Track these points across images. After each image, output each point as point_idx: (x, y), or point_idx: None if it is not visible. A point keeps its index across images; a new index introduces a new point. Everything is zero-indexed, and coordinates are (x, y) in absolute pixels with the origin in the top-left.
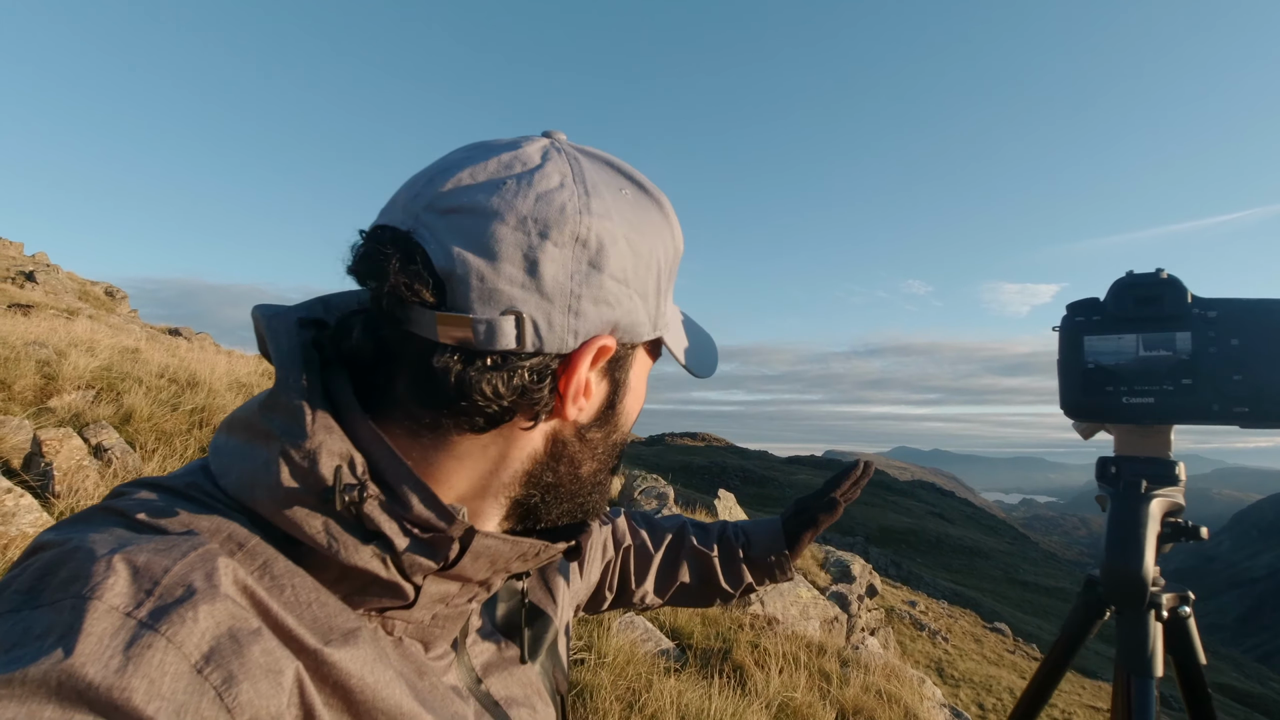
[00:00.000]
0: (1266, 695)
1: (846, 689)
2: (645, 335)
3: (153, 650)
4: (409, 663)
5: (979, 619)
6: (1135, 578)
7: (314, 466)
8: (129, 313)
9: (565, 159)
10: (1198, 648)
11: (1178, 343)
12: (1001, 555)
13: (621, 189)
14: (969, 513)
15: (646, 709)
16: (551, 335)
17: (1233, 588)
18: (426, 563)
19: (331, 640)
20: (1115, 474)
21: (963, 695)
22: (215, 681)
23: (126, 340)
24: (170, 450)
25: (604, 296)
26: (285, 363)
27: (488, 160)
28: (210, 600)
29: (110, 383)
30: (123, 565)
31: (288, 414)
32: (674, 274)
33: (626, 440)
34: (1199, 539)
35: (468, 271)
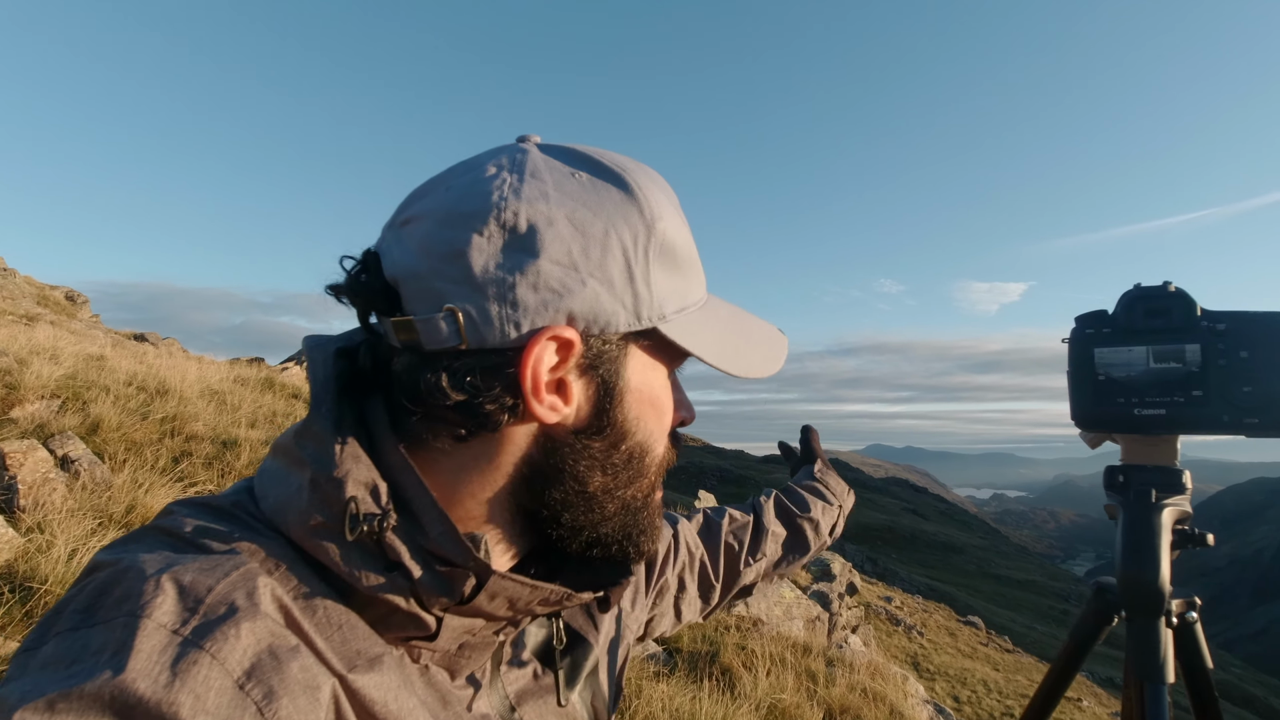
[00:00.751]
0: (1230, 681)
1: (833, 688)
2: (623, 326)
3: (198, 666)
4: (434, 692)
5: (953, 613)
6: (1152, 587)
7: (339, 494)
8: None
9: (511, 153)
10: (1205, 653)
11: (1187, 354)
12: (974, 550)
13: (573, 174)
14: (942, 508)
15: (637, 715)
16: (490, 328)
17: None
18: (442, 597)
19: (357, 666)
20: (1124, 483)
21: (938, 688)
22: (256, 697)
23: (91, 347)
24: (141, 461)
25: (545, 283)
26: (319, 392)
27: (446, 172)
28: (252, 618)
29: (75, 391)
30: (170, 584)
31: (318, 442)
32: (664, 258)
33: (649, 456)
34: (1205, 545)
35: (407, 274)
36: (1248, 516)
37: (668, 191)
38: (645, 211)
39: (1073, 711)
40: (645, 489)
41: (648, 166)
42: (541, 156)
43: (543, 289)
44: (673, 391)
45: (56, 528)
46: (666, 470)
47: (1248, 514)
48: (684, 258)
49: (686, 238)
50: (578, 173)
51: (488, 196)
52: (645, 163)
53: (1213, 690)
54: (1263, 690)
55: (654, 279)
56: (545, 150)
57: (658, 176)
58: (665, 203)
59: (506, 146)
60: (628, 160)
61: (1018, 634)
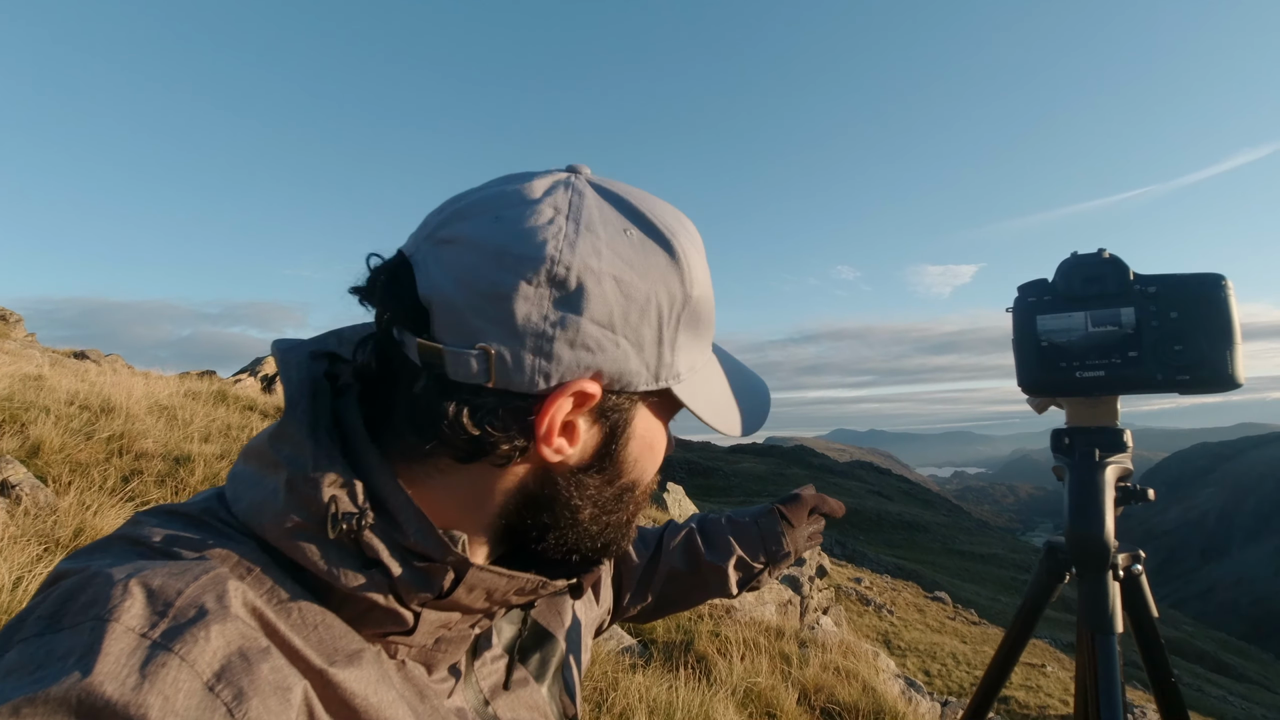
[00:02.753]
0: (1182, 639)
1: (806, 669)
2: (641, 385)
3: (167, 668)
4: (411, 686)
5: (920, 590)
6: (1099, 541)
7: (315, 494)
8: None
9: (569, 194)
10: (1150, 603)
11: (1122, 318)
12: (938, 527)
13: (626, 230)
14: (906, 489)
15: (615, 707)
16: (520, 375)
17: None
18: (421, 592)
19: (336, 661)
20: (1070, 445)
21: (910, 663)
22: (226, 698)
23: (27, 367)
24: (88, 482)
25: (583, 341)
26: (294, 394)
27: (494, 192)
28: (221, 620)
29: (12, 414)
30: (138, 588)
31: (294, 444)
32: (690, 323)
33: (639, 489)
34: (1147, 500)
35: (444, 301)
36: (1192, 480)
37: (701, 250)
38: (685, 280)
39: (1037, 677)
40: (631, 514)
41: (686, 219)
42: (596, 203)
43: (579, 346)
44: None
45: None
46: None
47: (1192, 478)
48: (705, 321)
49: (711, 300)
50: (630, 229)
51: (543, 245)
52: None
53: (1159, 638)
54: (1213, 645)
55: (679, 344)
56: (599, 192)
57: (695, 233)
58: (701, 267)
59: (561, 179)
60: (674, 217)
61: (983, 606)
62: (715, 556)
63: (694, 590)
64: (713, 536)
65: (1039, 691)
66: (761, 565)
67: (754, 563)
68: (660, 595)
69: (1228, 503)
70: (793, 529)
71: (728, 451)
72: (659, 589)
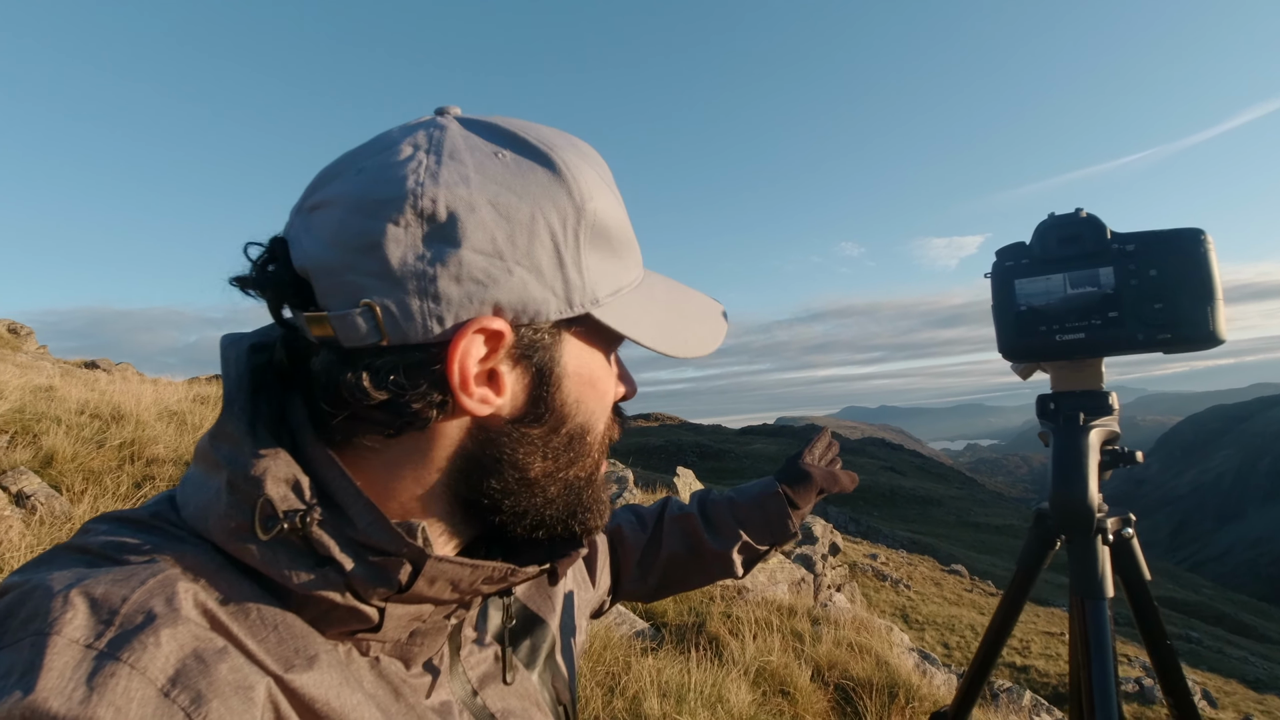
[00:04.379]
0: (1201, 602)
1: (819, 646)
2: (554, 314)
3: (116, 679)
4: (385, 684)
5: (937, 563)
6: (1082, 506)
7: (258, 493)
8: (38, 349)
9: (428, 131)
10: (1142, 566)
11: (1101, 278)
12: (952, 500)
13: (497, 153)
14: (919, 463)
15: (628, 691)
16: (412, 324)
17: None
18: (379, 587)
19: (294, 666)
20: (1054, 410)
21: (928, 637)
22: (183, 703)
23: (38, 378)
24: (101, 489)
25: (469, 274)
26: (232, 390)
27: (356, 149)
28: (172, 624)
29: (25, 425)
30: (80, 599)
31: (232, 442)
32: (597, 241)
33: (590, 435)
34: (1135, 463)
35: (319, 267)
36: (1207, 444)
37: (599, 167)
38: (575, 192)
39: (1056, 645)
40: (589, 468)
41: (577, 139)
42: (461, 133)
43: (466, 280)
44: (615, 367)
45: (15, 565)
46: (610, 445)
47: (1206, 441)
48: (618, 238)
49: (620, 216)
50: (501, 152)
51: (403, 181)
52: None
53: (1151, 601)
54: (1232, 607)
55: (586, 263)
56: (466, 125)
57: (589, 151)
58: (596, 181)
59: (423, 121)
60: (555, 134)
61: (1000, 578)
62: (719, 543)
63: (697, 573)
64: (715, 521)
65: (1059, 660)
66: (767, 548)
67: (759, 546)
68: (662, 578)
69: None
70: (798, 510)
71: (738, 433)
72: (660, 571)
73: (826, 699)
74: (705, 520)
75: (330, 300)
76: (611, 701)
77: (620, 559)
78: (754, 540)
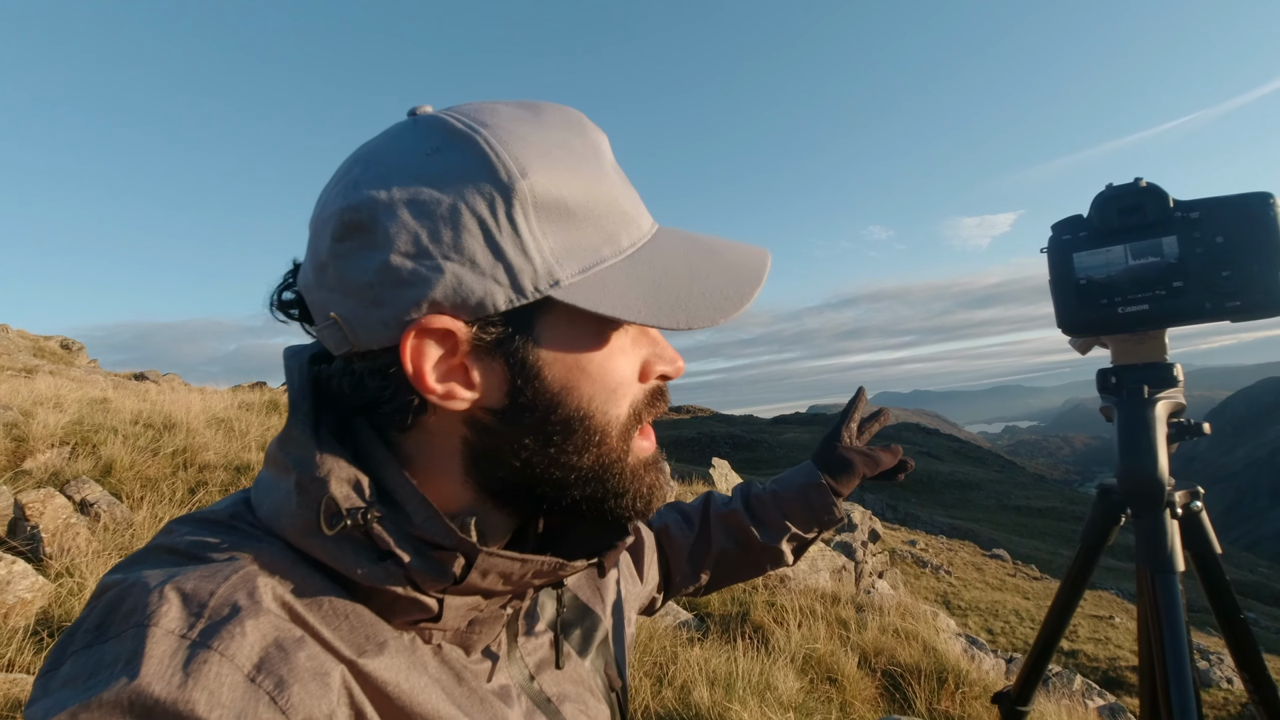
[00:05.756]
0: (1258, 582)
1: (865, 633)
2: (503, 304)
3: (208, 665)
4: (447, 669)
5: (978, 548)
6: (1152, 479)
7: (324, 493)
8: (89, 363)
9: (368, 143)
10: (1213, 539)
11: (1164, 248)
12: (992, 484)
13: (433, 151)
14: (955, 448)
15: (676, 680)
16: (367, 332)
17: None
18: (436, 580)
19: (366, 651)
20: (1117, 384)
21: (972, 623)
22: (268, 687)
23: (93, 391)
24: (158, 496)
25: (399, 278)
26: (296, 398)
27: None
28: (255, 615)
29: (84, 436)
30: (173, 593)
31: (299, 446)
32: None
33: (593, 420)
34: (1202, 434)
35: (303, 286)
36: (1260, 418)
37: (549, 132)
38: (502, 170)
39: (1105, 629)
40: (608, 454)
41: (549, 106)
42: (396, 136)
43: (399, 285)
44: (640, 346)
45: (85, 570)
46: (645, 423)
47: (1259, 415)
48: (582, 209)
49: (582, 184)
50: (438, 147)
51: (338, 198)
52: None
53: (1224, 575)
54: None
55: (532, 244)
56: (415, 126)
57: (551, 118)
58: (536, 153)
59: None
60: (501, 111)
61: (1043, 561)
62: (769, 537)
63: (748, 567)
64: (761, 515)
65: (1108, 644)
66: (815, 535)
67: (807, 534)
68: (714, 573)
69: None
70: (842, 495)
71: (770, 423)
72: (711, 568)
73: (874, 685)
74: (751, 515)
75: (316, 315)
76: (660, 691)
77: (669, 557)
78: (801, 530)
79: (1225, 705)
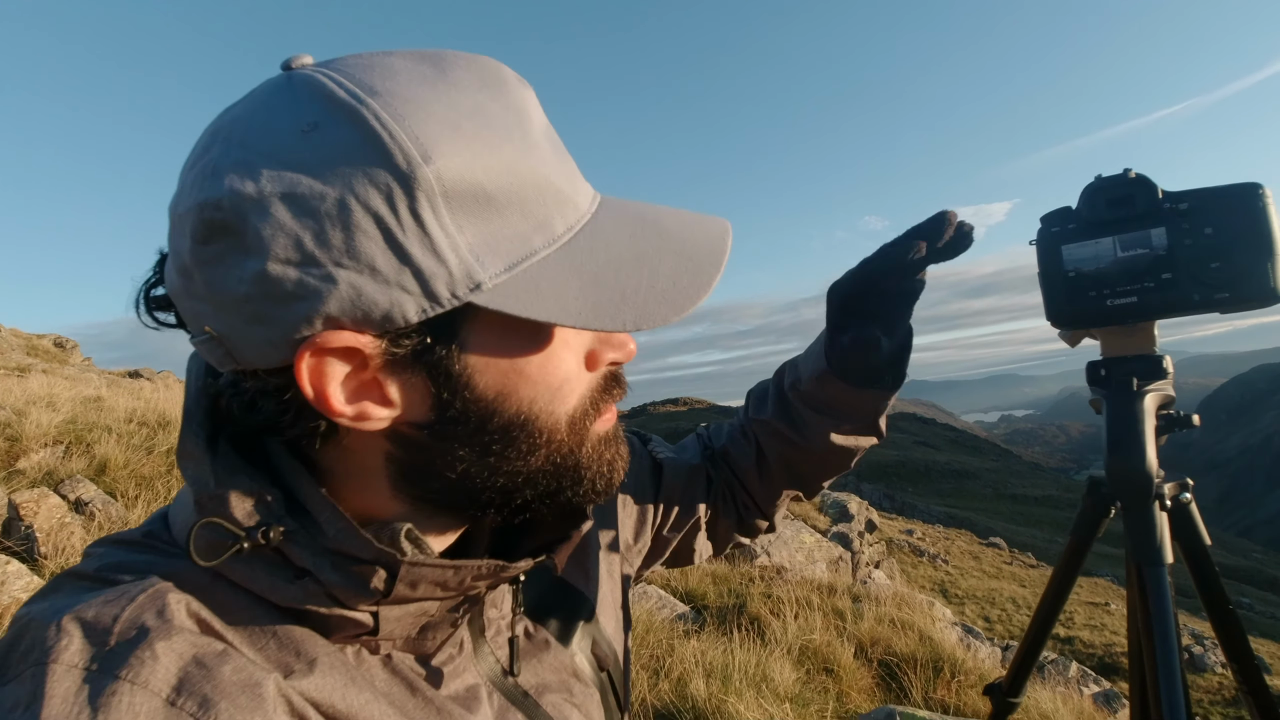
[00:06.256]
0: (1251, 567)
1: (861, 623)
2: (414, 315)
3: (118, 696)
4: (398, 680)
5: (974, 537)
6: (1140, 472)
7: (224, 511)
8: (83, 361)
9: (231, 109)
10: (1202, 531)
11: (1153, 239)
12: (988, 473)
13: (310, 128)
14: (952, 437)
15: (672, 672)
16: (250, 351)
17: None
18: (358, 595)
19: (294, 672)
20: (1106, 376)
21: (969, 611)
22: (191, 709)
23: (87, 390)
24: (153, 494)
25: (282, 291)
26: (190, 407)
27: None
28: (166, 636)
29: (78, 435)
30: (72, 624)
31: (195, 461)
32: (469, 207)
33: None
34: (1191, 426)
35: (169, 289)
36: (1254, 404)
37: (458, 96)
38: (399, 154)
39: (1101, 615)
40: (558, 450)
41: (446, 57)
42: (265, 104)
43: (284, 299)
44: (590, 333)
45: None
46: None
47: (1254, 402)
48: (501, 192)
49: (503, 161)
50: (317, 122)
51: (195, 188)
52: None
53: (1213, 567)
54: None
55: (445, 242)
56: (291, 89)
57: (451, 77)
58: (443, 127)
59: (250, 92)
60: (398, 66)
61: (1040, 549)
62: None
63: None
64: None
65: (1104, 630)
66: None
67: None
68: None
69: None
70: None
71: None
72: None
73: (871, 675)
74: (793, 417)
75: (189, 324)
76: (657, 684)
77: (743, 481)
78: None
79: (1220, 690)
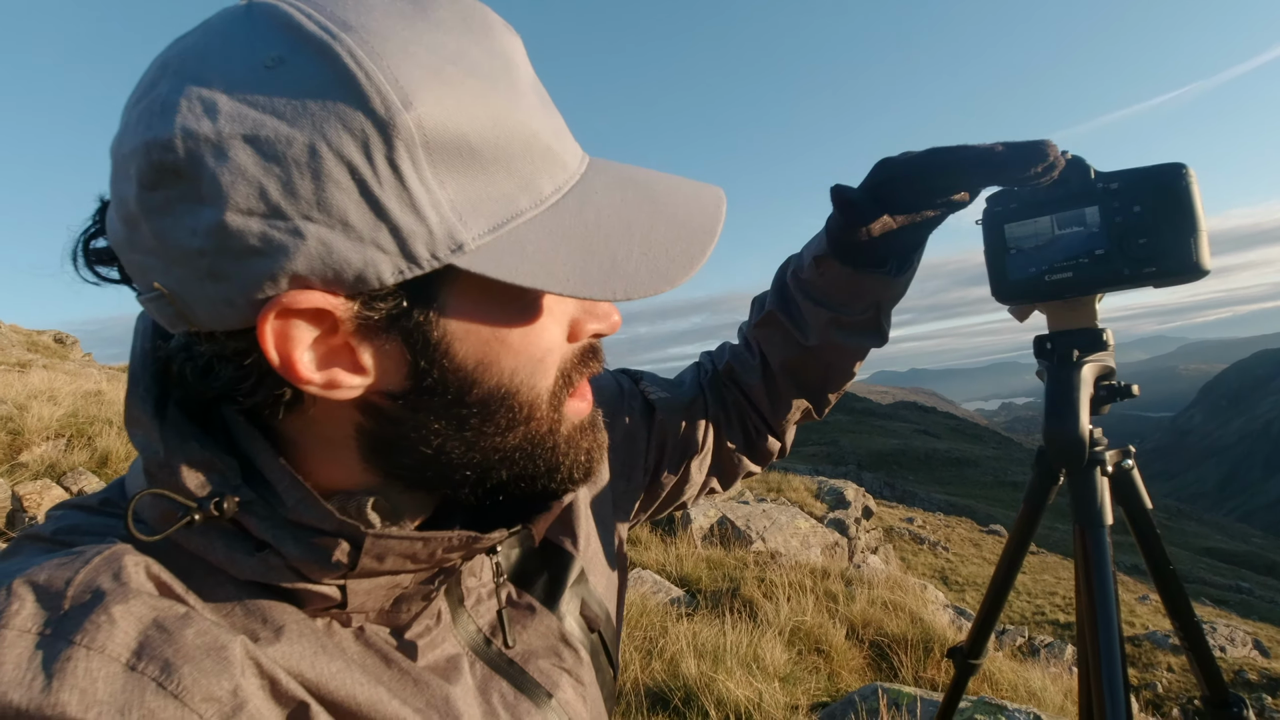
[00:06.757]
0: (1251, 552)
1: (853, 605)
2: (390, 276)
3: (73, 661)
4: (372, 652)
5: (975, 524)
6: (1073, 437)
7: (176, 481)
8: (84, 357)
9: (184, 39)
10: (1143, 495)
11: (1087, 217)
12: (988, 461)
13: (274, 62)
14: (952, 425)
15: (665, 653)
16: (205, 310)
17: (1209, 457)
18: (322, 568)
19: (260, 638)
20: (1050, 349)
21: (969, 598)
22: (153, 673)
23: (87, 384)
24: None
25: (242, 245)
26: (135, 369)
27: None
28: (123, 599)
29: (79, 428)
30: (24, 588)
31: (142, 427)
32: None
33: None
34: (1131, 396)
35: (112, 240)
36: (1254, 390)
37: (442, 38)
38: (376, 97)
39: None
40: (537, 428)
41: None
42: (222, 33)
43: (243, 253)
44: (574, 302)
45: None
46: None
47: (1253, 388)
48: (487, 146)
49: (490, 112)
50: (282, 58)
51: (142, 125)
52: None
53: (1154, 528)
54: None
55: (425, 198)
56: (252, 18)
57: (434, 16)
58: (425, 70)
59: (204, 22)
60: (359, 9)
61: (1040, 535)
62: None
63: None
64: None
65: None
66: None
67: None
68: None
69: None
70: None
71: None
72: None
73: (862, 655)
74: (793, 308)
75: (136, 280)
76: (650, 664)
77: (754, 404)
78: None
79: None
